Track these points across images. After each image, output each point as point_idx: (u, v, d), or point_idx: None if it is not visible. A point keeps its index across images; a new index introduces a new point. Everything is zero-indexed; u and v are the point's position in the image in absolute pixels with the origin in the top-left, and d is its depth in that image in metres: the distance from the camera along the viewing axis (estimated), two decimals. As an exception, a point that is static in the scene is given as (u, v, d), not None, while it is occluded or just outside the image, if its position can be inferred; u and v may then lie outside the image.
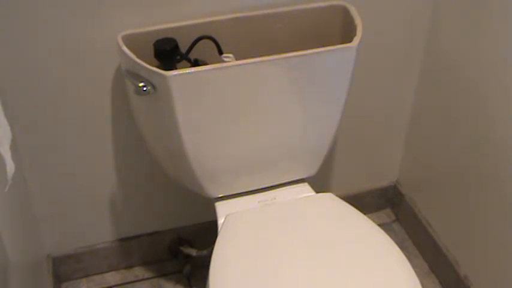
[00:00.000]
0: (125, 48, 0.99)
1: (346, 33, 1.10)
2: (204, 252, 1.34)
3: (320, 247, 1.02)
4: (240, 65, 0.97)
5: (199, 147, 1.04)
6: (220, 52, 1.05)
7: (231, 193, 1.17)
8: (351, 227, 1.07)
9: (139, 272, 1.47)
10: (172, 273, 1.46)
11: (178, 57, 1.02)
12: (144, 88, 0.95)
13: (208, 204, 1.18)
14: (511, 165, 1.11)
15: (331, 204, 1.12)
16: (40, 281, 1.25)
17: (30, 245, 1.20)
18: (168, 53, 1.00)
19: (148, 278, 1.45)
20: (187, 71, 0.94)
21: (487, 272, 1.25)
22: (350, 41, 1.02)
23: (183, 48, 1.03)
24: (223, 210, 1.13)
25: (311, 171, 1.19)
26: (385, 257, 1.00)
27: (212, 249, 1.03)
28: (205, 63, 1.03)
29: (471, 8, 1.14)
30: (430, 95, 1.34)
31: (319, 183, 1.43)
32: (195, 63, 1.04)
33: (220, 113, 1.01)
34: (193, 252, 1.39)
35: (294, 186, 1.19)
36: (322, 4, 1.12)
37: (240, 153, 1.09)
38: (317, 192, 1.18)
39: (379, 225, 1.10)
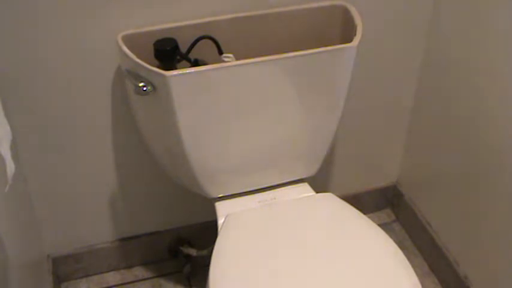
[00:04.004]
0: (125, 48, 0.99)
1: (346, 33, 1.10)
2: (204, 252, 1.34)
3: (320, 247, 1.02)
4: (240, 65, 0.97)
5: (199, 147, 1.04)
6: (220, 52, 1.05)
7: (231, 193, 1.17)
8: (351, 227, 1.06)
9: (139, 272, 1.47)
10: (172, 273, 1.46)
11: (178, 57, 1.02)
12: (144, 88, 0.95)
13: (208, 204, 1.18)
14: (510, 165, 1.11)
15: (331, 204, 1.12)
16: (40, 281, 1.25)
17: (30, 245, 1.20)
18: (168, 53, 1.00)
19: (148, 278, 1.45)
20: (187, 71, 0.94)
21: (487, 272, 1.25)
22: (350, 41, 1.02)
23: (183, 48, 1.03)
24: (223, 210, 1.13)
25: (311, 171, 1.19)
26: (385, 257, 1.00)
27: (212, 249, 1.03)
28: (205, 63, 1.03)
29: (471, 8, 1.14)
30: (430, 95, 1.34)
31: (319, 183, 1.43)
32: (195, 63, 1.04)
33: (220, 113, 1.01)
34: (193, 252, 1.39)
35: (294, 186, 1.19)
36: (322, 4, 1.12)
37: (240, 153, 1.09)
38: (317, 192, 1.18)
39: (379, 225, 1.10)
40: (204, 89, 0.97)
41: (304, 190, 1.19)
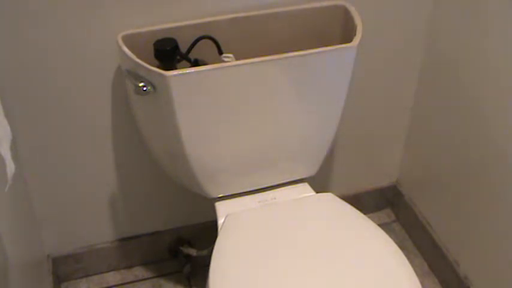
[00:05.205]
0: (125, 48, 0.99)
1: (346, 33, 1.10)
2: (204, 252, 1.34)
3: (320, 247, 1.02)
4: (240, 65, 0.97)
5: (199, 147, 1.04)
6: (220, 52, 1.05)
7: (231, 193, 1.17)
8: (351, 227, 1.06)
9: (139, 272, 1.47)
10: (172, 273, 1.46)
11: (178, 57, 1.02)
12: (144, 88, 0.95)
13: (208, 204, 1.18)
14: (510, 166, 1.11)
15: (331, 204, 1.12)
16: (40, 281, 1.25)
17: (30, 245, 1.20)
18: (168, 53, 1.00)
19: (148, 278, 1.45)
20: (187, 71, 0.94)
21: (487, 272, 1.25)
22: (350, 41, 1.02)
23: (183, 48, 1.03)
24: (223, 210, 1.13)
25: (311, 171, 1.19)
26: (385, 257, 1.00)
27: (212, 249, 1.03)
28: (205, 63, 1.03)
29: (471, 8, 1.14)
30: (430, 95, 1.34)
31: (319, 183, 1.43)
32: (195, 63, 1.04)
33: (220, 113, 1.01)
34: (193, 252, 1.39)
35: (294, 186, 1.19)
36: (322, 4, 1.12)
37: (240, 153, 1.09)
38: (317, 192, 1.18)
39: (379, 225, 1.10)
40: (204, 89, 0.97)
41: (304, 190, 1.19)
